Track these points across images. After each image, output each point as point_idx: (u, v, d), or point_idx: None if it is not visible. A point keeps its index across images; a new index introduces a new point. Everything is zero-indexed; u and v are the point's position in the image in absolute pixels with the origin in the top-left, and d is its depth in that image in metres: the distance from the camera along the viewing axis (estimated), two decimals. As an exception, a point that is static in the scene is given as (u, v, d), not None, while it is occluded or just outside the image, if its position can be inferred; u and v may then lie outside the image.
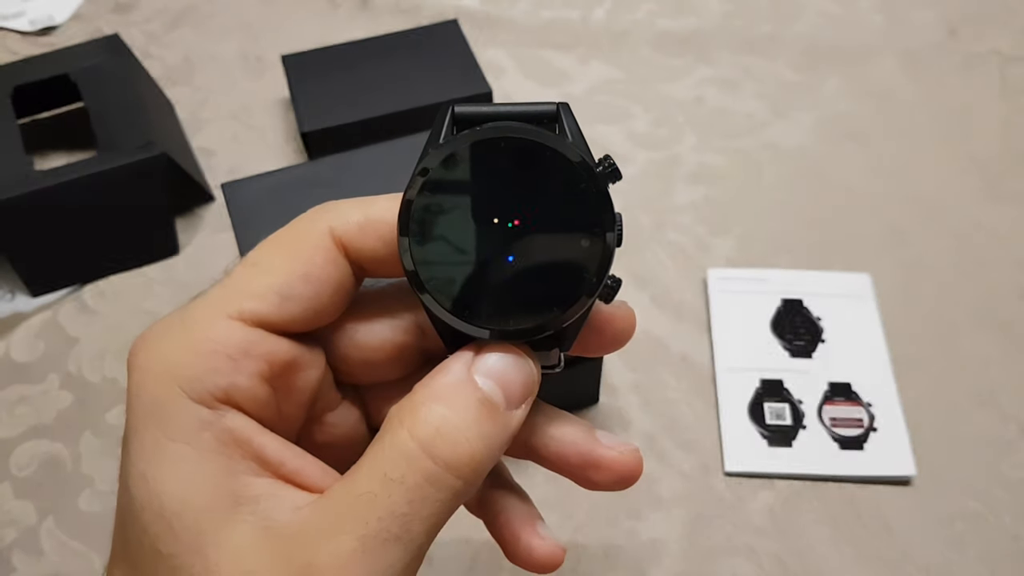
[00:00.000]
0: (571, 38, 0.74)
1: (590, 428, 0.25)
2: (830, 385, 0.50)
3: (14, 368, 0.54)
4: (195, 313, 0.22)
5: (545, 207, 0.21)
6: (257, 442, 0.21)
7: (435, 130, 0.22)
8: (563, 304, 0.21)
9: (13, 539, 0.47)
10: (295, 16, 0.77)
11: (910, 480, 0.47)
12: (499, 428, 0.21)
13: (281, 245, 0.22)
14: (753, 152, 0.64)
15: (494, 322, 0.21)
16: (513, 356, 0.22)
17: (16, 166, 0.56)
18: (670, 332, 0.53)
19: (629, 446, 0.24)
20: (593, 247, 0.21)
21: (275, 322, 0.22)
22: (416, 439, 0.20)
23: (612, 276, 0.22)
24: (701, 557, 0.45)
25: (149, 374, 0.21)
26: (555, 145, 0.21)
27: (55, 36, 0.76)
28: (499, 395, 0.21)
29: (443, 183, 0.21)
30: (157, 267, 0.59)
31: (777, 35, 0.73)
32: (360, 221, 0.23)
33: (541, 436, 0.24)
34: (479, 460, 0.20)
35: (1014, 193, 0.61)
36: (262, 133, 0.67)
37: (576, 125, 0.22)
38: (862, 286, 0.55)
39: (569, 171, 0.21)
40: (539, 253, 0.21)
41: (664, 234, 0.59)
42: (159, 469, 0.20)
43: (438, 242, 0.21)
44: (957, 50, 0.71)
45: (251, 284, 0.22)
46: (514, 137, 0.21)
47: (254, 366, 0.21)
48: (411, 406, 0.21)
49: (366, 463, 0.20)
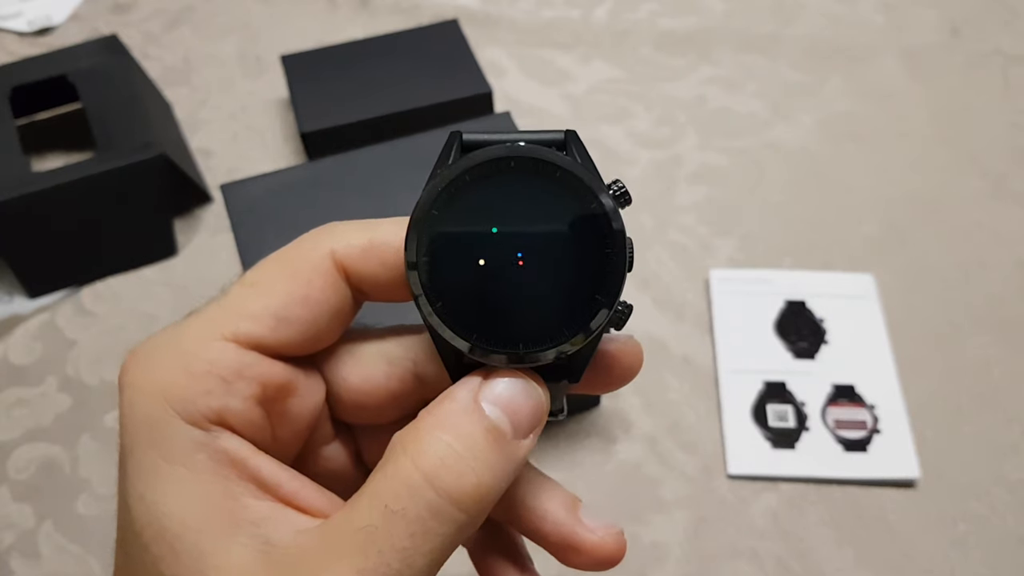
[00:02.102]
0: (572, 37, 0.73)
1: (574, 504, 0.23)
2: (834, 387, 0.50)
3: (12, 371, 0.54)
4: (189, 332, 0.21)
5: (555, 231, 0.21)
6: (252, 463, 0.21)
7: (443, 156, 0.22)
8: (574, 329, 0.21)
9: (11, 543, 0.46)
10: (294, 16, 0.77)
11: (914, 482, 0.46)
12: (506, 459, 0.20)
13: (281, 266, 0.22)
14: (755, 152, 0.64)
15: (502, 347, 0.21)
16: (522, 383, 0.21)
17: (13, 167, 0.55)
18: (672, 333, 0.53)
19: (612, 529, 0.23)
20: (604, 271, 0.21)
21: (271, 344, 0.21)
22: (419, 469, 0.19)
23: (623, 302, 0.21)
24: (704, 560, 0.44)
25: (141, 393, 0.20)
26: (566, 167, 0.21)
27: (53, 36, 0.76)
28: (506, 424, 0.21)
29: (451, 205, 0.21)
30: (155, 268, 0.59)
31: (779, 35, 0.73)
32: (363, 244, 0.22)
33: (521, 507, 0.23)
34: (484, 492, 0.20)
35: (1017, 193, 0.60)
36: (261, 134, 0.67)
37: (585, 151, 0.22)
38: (865, 287, 0.54)
39: (580, 194, 0.21)
40: (549, 277, 0.21)
41: (666, 234, 0.58)
42: (157, 491, 0.20)
43: (445, 265, 0.21)
44: (959, 50, 0.71)
45: (248, 305, 0.21)
46: (524, 157, 0.20)
47: (248, 388, 0.21)
48: (415, 434, 0.20)
49: (368, 492, 0.20)
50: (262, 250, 0.46)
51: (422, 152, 0.50)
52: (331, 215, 0.47)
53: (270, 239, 0.47)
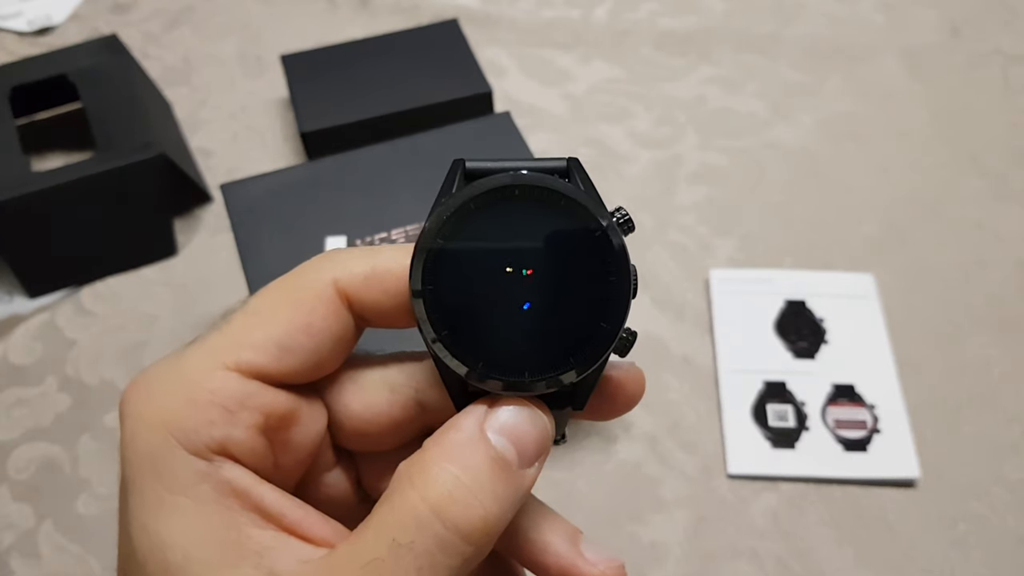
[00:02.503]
0: (572, 37, 0.73)
1: (575, 536, 0.23)
2: (834, 387, 0.50)
3: (12, 370, 0.54)
4: (191, 361, 0.21)
5: (559, 258, 0.21)
6: (256, 493, 0.21)
7: (446, 185, 0.21)
8: (578, 357, 0.21)
9: (11, 543, 0.46)
10: (294, 16, 0.77)
11: (914, 482, 0.46)
12: (512, 488, 0.20)
13: (283, 294, 0.22)
14: (755, 152, 0.64)
15: (507, 375, 0.21)
16: (527, 411, 0.21)
17: (13, 167, 0.55)
18: (672, 333, 0.53)
19: (613, 563, 0.23)
20: (608, 299, 0.21)
21: (273, 373, 0.21)
22: (427, 502, 0.19)
23: (627, 329, 0.21)
24: (704, 560, 0.44)
25: (143, 423, 0.20)
26: (569, 194, 0.21)
27: (53, 36, 0.76)
28: (512, 453, 0.20)
29: (455, 233, 0.21)
30: (155, 268, 0.59)
31: (779, 34, 0.73)
32: (365, 273, 0.22)
33: (522, 539, 0.23)
34: (492, 524, 0.20)
35: (1017, 193, 0.60)
36: (261, 133, 0.67)
37: (588, 178, 0.22)
38: (865, 287, 0.54)
39: (583, 222, 0.21)
40: (553, 305, 0.21)
41: (666, 234, 0.58)
42: (160, 521, 0.20)
43: (449, 293, 0.21)
44: (959, 50, 0.71)
45: (250, 334, 0.21)
46: (527, 186, 0.21)
47: (251, 418, 0.21)
48: (422, 465, 0.20)
49: (374, 523, 0.20)
50: (262, 250, 0.46)
51: (422, 152, 0.50)
52: (331, 215, 0.48)
53: (270, 239, 0.47)
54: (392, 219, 0.47)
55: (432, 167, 0.49)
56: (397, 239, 0.46)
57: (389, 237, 0.46)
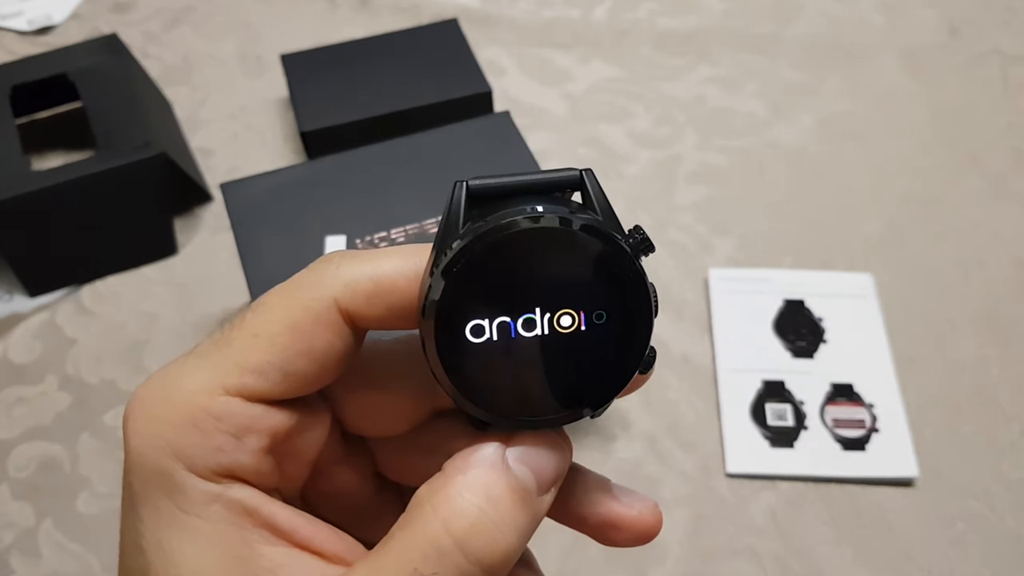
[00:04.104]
0: (572, 37, 0.73)
1: (606, 484, 0.24)
2: (832, 386, 0.50)
3: (12, 369, 0.54)
4: (193, 380, 0.21)
5: (577, 296, 0.20)
6: (266, 511, 0.21)
7: (452, 210, 0.21)
8: (600, 390, 0.21)
9: (11, 541, 0.46)
10: (294, 15, 0.77)
11: (912, 481, 0.46)
12: (531, 517, 0.20)
13: (283, 314, 0.22)
14: (754, 151, 0.64)
15: (528, 415, 0.21)
16: (549, 436, 0.21)
17: (14, 166, 0.55)
18: (671, 332, 0.53)
19: (647, 503, 0.23)
20: (630, 329, 0.20)
21: (276, 395, 0.21)
22: (450, 534, 0.19)
23: (649, 347, 0.21)
24: (703, 559, 0.44)
25: (149, 444, 0.20)
26: (581, 224, 0.20)
27: (53, 36, 0.76)
28: (532, 481, 0.21)
29: (468, 285, 0.20)
30: (155, 267, 0.59)
31: (778, 34, 0.73)
32: (368, 291, 0.21)
33: (559, 496, 0.23)
34: (511, 556, 0.20)
35: (1017, 193, 0.60)
36: (261, 133, 0.67)
37: (602, 192, 0.21)
38: (864, 286, 0.54)
39: (599, 250, 0.20)
40: (574, 344, 0.20)
41: (665, 233, 0.58)
42: (174, 540, 0.20)
43: (462, 336, 0.20)
44: (958, 49, 0.71)
45: (251, 358, 0.21)
46: (542, 228, 0.20)
47: (257, 442, 0.21)
48: (445, 494, 0.20)
49: (395, 551, 0.20)
50: (262, 249, 0.46)
51: (422, 152, 0.50)
52: (331, 214, 0.48)
53: (270, 238, 0.47)
54: (392, 219, 0.47)
55: (432, 167, 0.49)
56: (397, 239, 0.46)
57: (389, 236, 0.46)
